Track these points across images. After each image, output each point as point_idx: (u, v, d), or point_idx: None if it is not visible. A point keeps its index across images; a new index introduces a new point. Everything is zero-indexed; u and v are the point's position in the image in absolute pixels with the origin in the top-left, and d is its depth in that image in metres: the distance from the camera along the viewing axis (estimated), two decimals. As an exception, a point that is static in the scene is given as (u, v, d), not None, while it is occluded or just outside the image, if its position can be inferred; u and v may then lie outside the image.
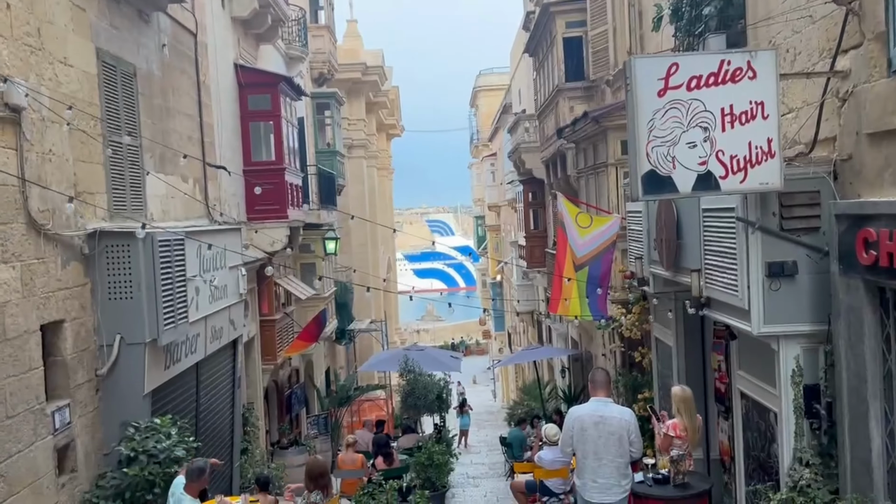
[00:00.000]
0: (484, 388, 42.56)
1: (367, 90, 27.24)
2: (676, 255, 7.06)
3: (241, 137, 13.34)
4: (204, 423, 9.66)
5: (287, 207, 13.55)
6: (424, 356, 14.24)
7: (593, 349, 15.57)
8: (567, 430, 5.92)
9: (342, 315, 21.81)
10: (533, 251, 21.16)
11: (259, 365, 13.51)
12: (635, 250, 8.75)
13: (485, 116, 45.10)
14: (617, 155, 10.21)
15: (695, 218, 6.49)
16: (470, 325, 65.85)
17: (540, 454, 10.20)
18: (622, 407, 6.03)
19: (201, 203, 10.87)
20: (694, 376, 8.28)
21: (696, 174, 4.98)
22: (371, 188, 30.06)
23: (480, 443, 22.96)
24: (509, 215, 32.99)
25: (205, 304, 9.27)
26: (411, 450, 12.89)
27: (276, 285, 14.22)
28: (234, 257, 10.69)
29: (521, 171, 21.47)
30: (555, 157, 14.72)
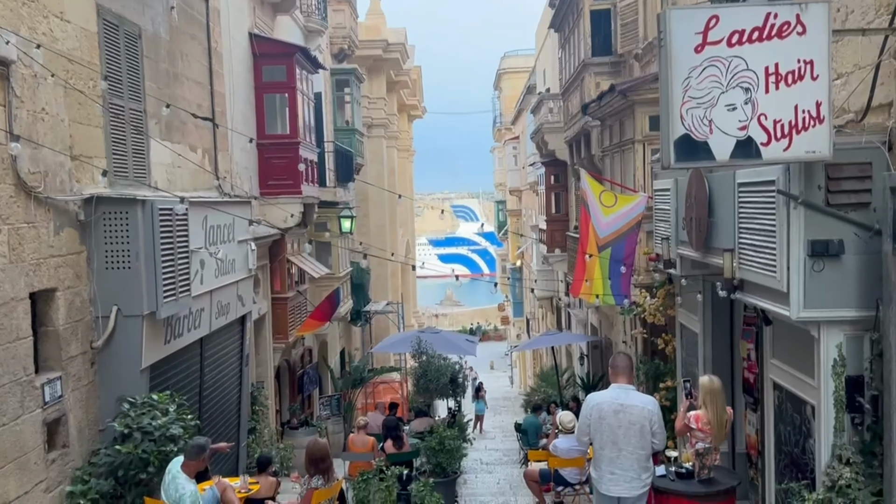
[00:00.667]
0: (501, 373, 42.25)
1: (389, 68, 26.77)
2: (707, 234, 6.56)
3: (254, 109, 12.99)
4: (208, 400, 9.37)
5: (301, 183, 13.20)
6: (439, 338, 13.85)
7: (613, 336, 15.09)
8: (584, 417, 5.50)
9: (358, 296, 21.52)
10: (553, 235, 20.64)
11: (270, 343, 13.23)
12: (662, 231, 8.26)
13: (509, 99, 44.45)
14: (645, 131, 9.69)
15: (729, 194, 5.99)
16: (489, 310, 65.58)
17: (555, 442, 9.80)
18: (644, 395, 5.58)
19: (210, 174, 10.53)
20: (721, 365, 7.80)
21: (734, 140, 4.49)
22: (391, 169, 29.67)
23: (496, 428, 22.64)
24: (530, 199, 32.43)
25: (210, 278, 8.95)
26: (423, 434, 12.56)
27: (289, 263, 13.90)
28: (243, 231, 10.35)
29: (543, 152, 20.93)
30: (578, 136, 14.19)
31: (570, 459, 9.52)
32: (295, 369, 15.30)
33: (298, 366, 15.63)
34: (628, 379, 5.51)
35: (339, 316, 17.14)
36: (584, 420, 5.50)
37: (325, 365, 17.97)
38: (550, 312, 26.00)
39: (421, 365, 12.72)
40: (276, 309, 13.39)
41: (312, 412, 16.60)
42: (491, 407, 25.61)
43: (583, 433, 5.54)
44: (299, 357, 15.73)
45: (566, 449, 9.58)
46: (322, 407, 16.82)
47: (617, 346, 14.69)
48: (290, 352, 14.94)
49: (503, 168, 46.25)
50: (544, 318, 28.01)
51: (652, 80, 9.51)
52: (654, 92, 9.49)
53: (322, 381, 18.51)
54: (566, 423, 9.75)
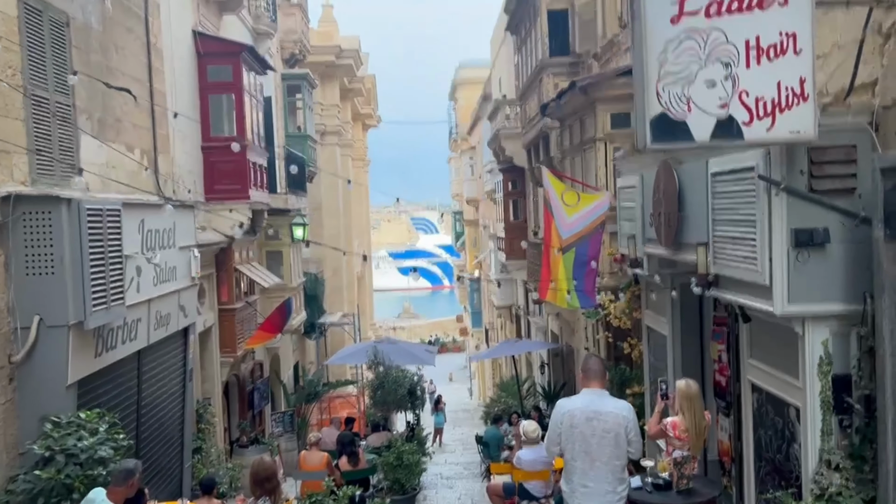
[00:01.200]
0: (460, 385, 41.75)
1: (342, 75, 26.23)
2: (678, 229, 6.23)
3: (199, 110, 12.33)
4: (148, 418, 8.68)
5: (249, 188, 12.56)
6: (396, 349, 13.32)
7: (575, 343, 14.78)
8: (554, 426, 5.06)
9: (312, 308, 20.83)
10: (512, 243, 20.32)
11: (217, 357, 12.52)
12: (627, 230, 7.93)
13: (464, 110, 44.26)
14: (606, 129, 9.39)
15: (701, 185, 5.67)
16: (447, 322, 65.07)
17: (519, 454, 9.36)
18: (619, 400, 5.17)
19: (150, 177, 9.86)
20: (691, 368, 7.49)
21: (715, 119, 4.13)
22: (345, 177, 29.04)
23: (455, 441, 22.12)
24: (488, 209, 32.17)
25: (148, 286, 8.30)
26: (380, 449, 11.99)
27: (238, 272, 13.23)
28: (185, 237, 9.71)
29: (500, 159, 20.63)
30: (537, 139, 13.89)
31: (536, 472, 9.08)
32: (245, 384, 14.57)
33: (248, 381, 14.90)
34: (601, 383, 5.10)
35: (291, 328, 16.47)
36: (554, 429, 5.06)
37: (277, 380, 17.25)
38: (510, 321, 25.66)
39: (377, 376, 12.14)
40: (224, 321, 12.68)
41: (264, 429, 15.86)
42: (450, 419, 25.10)
43: (552, 443, 5.10)
44: (249, 372, 15.00)
45: (531, 461, 9.14)
46: (274, 423, 16.10)
47: (579, 352, 14.36)
48: (240, 366, 14.23)
49: (460, 178, 46.05)
50: (503, 327, 27.66)
51: (613, 77, 9.24)
52: (616, 88, 9.22)
53: (274, 396, 17.77)
54: (530, 433, 9.32)
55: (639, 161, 7.62)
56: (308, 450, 9.69)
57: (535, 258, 15.73)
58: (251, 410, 14.83)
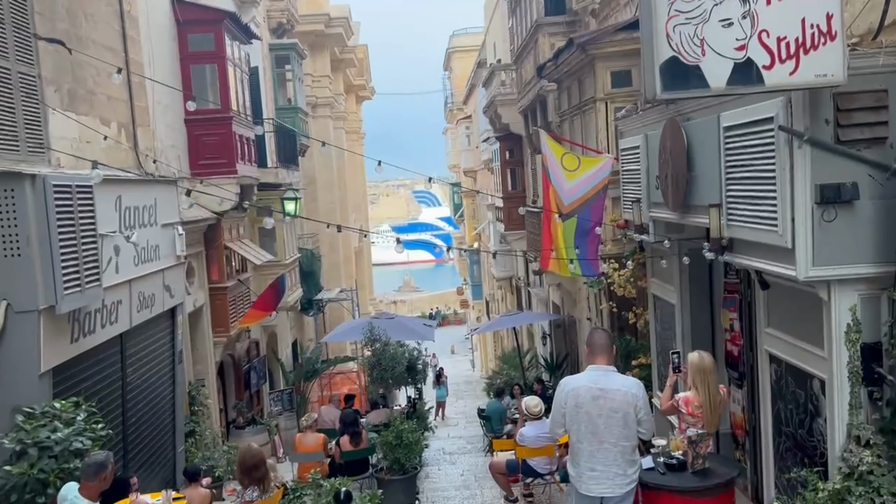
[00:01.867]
0: (462, 357, 41.62)
1: (332, 44, 25.55)
2: (686, 191, 5.81)
3: (181, 82, 11.82)
4: (134, 404, 8.33)
5: (236, 161, 12.11)
6: (394, 324, 12.95)
7: (577, 313, 14.41)
8: (558, 405, 4.69)
9: (309, 284, 20.44)
10: (511, 213, 19.86)
11: (210, 337, 12.16)
12: (631, 194, 7.50)
13: (459, 79, 43.57)
14: (607, 88, 8.91)
15: (712, 142, 5.23)
16: (448, 294, 64.89)
17: (522, 431, 9.05)
18: (627, 377, 4.79)
19: (129, 152, 9.41)
20: (701, 338, 7.11)
21: (731, 62, 3.69)
22: (339, 151, 28.50)
23: (458, 414, 21.89)
24: (485, 179, 31.66)
25: (128, 266, 7.90)
26: (380, 427, 11.69)
27: (228, 250, 12.82)
28: (168, 214, 9.29)
29: (497, 127, 20.11)
30: (534, 103, 13.39)
31: (539, 448, 8.77)
32: (240, 364, 14.24)
33: (244, 360, 14.57)
34: (608, 359, 4.71)
35: (287, 305, 16.11)
36: (558, 409, 4.68)
37: (274, 358, 16.93)
38: (510, 293, 25.32)
39: (374, 353, 11.78)
40: (215, 300, 12.31)
41: (262, 409, 15.58)
42: (452, 392, 24.89)
43: (557, 424, 4.72)
44: (245, 351, 14.67)
45: (534, 437, 8.83)
46: (273, 402, 15.81)
47: (581, 323, 14.01)
48: (234, 346, 13.89)
49: (456, 149, 45.47)
50: (504, 299, 27.34)
51: (613, 32, 8.74)
52: (616, 44, 8.73)
53: (273, 375, 17.48)
54: (532, 409, 9.00)
55: (642, 120, 7.17)
56: (303, 433, 9.33)
57: (534, 227, 15.31)
58: (248, 390, 14.53)
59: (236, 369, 14.18)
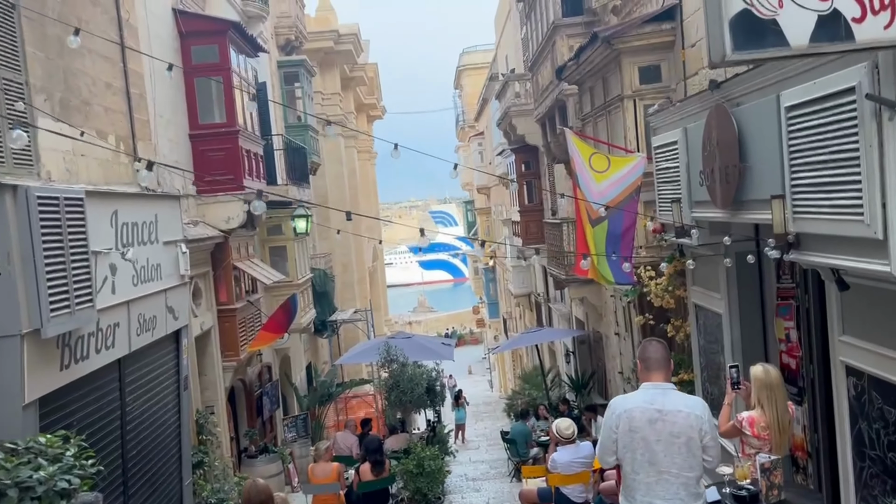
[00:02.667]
0: (480, 378, 40.87)
1: (342, 62, 25.21)
2: (739, 185, 5.17)
3: (185, 95, 11.37)
4: (135, 435, 7.73)
5: (243, 178, 11.60)
6: (411, 344, 12.32)
7: (603, 329, 13.73)
8: (608, 430, 4.04)
9: (322, 305, 19.87)
10: (528, 227, 19.30)
11: (218, 362, 11.58)
12: (668, 194, 6.87)
13: (470, 97, 43.30)
14: (634, 85, 8.32)
15: (770, 125, 4.61)
16: (464, 314, 64.32)
17: (553, 456, 8.40)
18: (690, 396, 4.12)
19: (128, 167, 8.90)
20: (752, 350, 6.44)
21: (815, 15, 3.08)
22: (351, 170, 28.08)
23: (479, 437, 21.15)
24: (500, 195, 31.13)
25: (126, 287, 7.34)
26: (399, 453, 11.03)
27: (237, 269, 12.27)
28: (170, 231, 8.75)
29: (511, 139, 19.57)
30: (552, 110, 12.82)
31: (573, 475, 8.11)
32: (252, 390, 13.64)
33: (256, 385, 13.97)
34: (665, 375, 4.06)
35: (299, 327, 15.51)
36: (608, 434, 4.04)
37: (288, 382, 16.32)
38: (529, 310, 24.62)
39: (392, 374, 11.12)
40: (224, 322, 11.74)
41: (276, 436, 14.95)
42: (472, 413, 24.16)
43: (607, 451, 4.07)
44: (256, 375, 14.07)
45: (567, 462, 8.17)
46: (287, 429, 15.18)
47: (608, 339, 13.32)
48: (245, 370, 13.30)
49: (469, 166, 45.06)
50: (522, 316, 26.63)
51: (639, 25, 8.16)
52: (643, 38, 8.16)
53: (287, 400, 16.86)
54: (564, 431, 8.35)
55: (679, 113, 6.56)
56: (315, 462, 8.68)
57: (555, 239, 14.68)
58: (260, 417, 13.91)
59: (248, 395, 13.59)
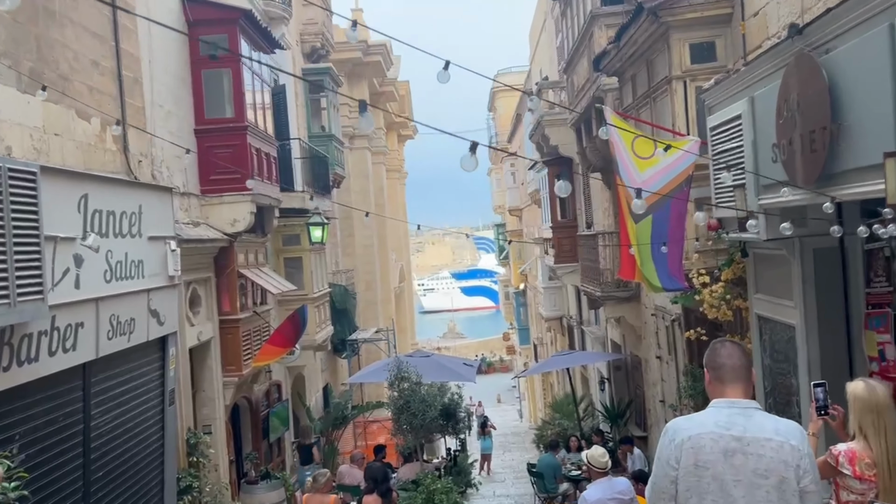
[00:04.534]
0: (509, 406, 39.38)
1: (371, 74, 24.51)
2: (829, 152, 4.04)
3: (190, 88, 10.57)
4: (104, 454, 6.76)
5: (251, 177, 10.70)
6: (428, 363, 11.23)
7: (642, 352, 12.47)
8: (664, 465, 2.88)
9: (342, 323, 18.87)
10: (561, 243, 18.13)
11: (218, 376, 10.60)
12: (727, 181, 5.73)
13: (504, 119, 42.55)
14: (685, 64, 7.23)
15: (878, 66, 3.51)
16: (493, 341, 62.92)
17: (584, 495, 7.22)
18: (781, 419, 2.93)
19: (116, 155, 8.05)
20: (834, 369, 5.23)
21: None
22: (378, 187, 27.27)
23: (505, 469, 19.82)
24: (532, 216, 30.05)
25: (94, 282, 6.42)
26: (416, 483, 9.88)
27: (243, 277, 11.34)
28: (158, 226, 7.85)
29: (544, 151, 18.52)
30: (588, 111, 11.76)
31: (608, 515, 6.90)
32: (258, 409, 12.63)
33: (263, 404, 12.96)
34: (746, 388, 2.92)
35: (314, 344, 14.52)
36: (664, 471, 2.88)
37: (300, 403, 15.29)
38: (561, 335, 23.34)
39: (402, 395, 9.98)
40: (226, 333, 10.78)
41: (283, 460, 13.89)
42: (499, 444, 22.81)
43: (662, 495, 2.90)
44: (264, 394, 13.07)
45: (598, 501, 6.98)
46: (297, 453, 14.12)
47: (648, 363, 12.05)
48: (252, 387, 12.31)
49: (501, 189, 44.28)
50: (554, 342, 25.31)
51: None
52: (696, 10, 7.09)
53: (300, 422, 15.82)
54: (599, 459, 7.20)
55: (743, 80, 5.45)
56: (310, 493, 7.58)
57: (590, 255, 13.53)
58: (266, 439, 12.87)
59: (253, 415, 12.58)
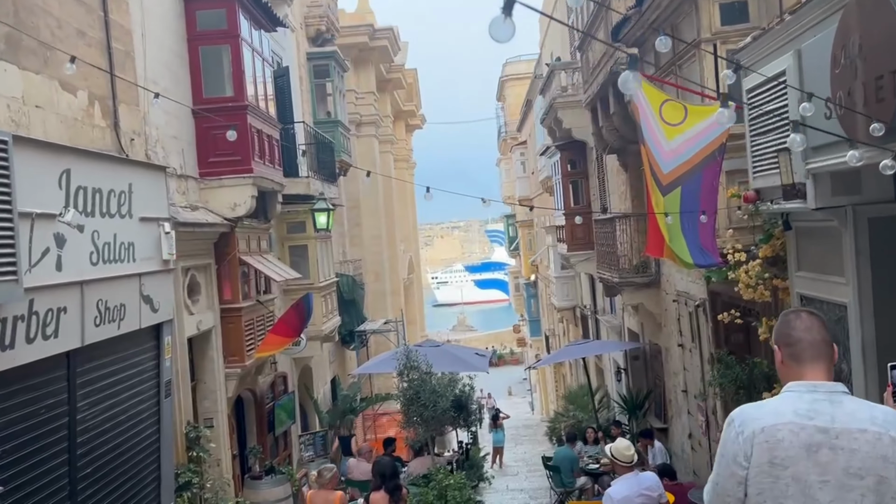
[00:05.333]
0: (520, 399, 38.98)
1: (377, 60, 23.95)
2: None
3: (188, 66, 10.09)
4: (92, 449, 6.30)
5: (251, 159, 10.23)
6: (439, 353, 10.72)
7: (662, 341, 11.93)
8: (729, 462, 2.35)
9: (350, 314, 18.41)
10: (574, 231, 17.58)
11: (220, 367, 10.14)
12: (769, 147, 5.19)
13: (513, 108, 41.96)
14: (714, 26, 6.67)
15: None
16: (504, 333, 62.59)
17: (608, 492, 6.71)
18: (877, 405, 2.39)
19: (106, 132, 7.57)
20: (891, 351, 4.67)
21: None
22: (386, 179, 26.69)
23: (518, 462, 19.36)
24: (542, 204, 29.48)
25: (79, 264, 5.96)
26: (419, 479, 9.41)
27: (245, 265, 10.86)
28: (151, 206, 7.38)
29: (557, 135, 17.95)
30: (605, 87, 11.20)
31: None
32: (263, 402, 12.17)
33: (268, 397, 12.51)
34: (828, 368, 2.41)
35: (320, 335, 14.04)
36: (730, 469, 2.36)
37: (308, 395, 14.84)
38: (574, 325, 22.80)
39: (411, 385, 9.47)
40: (227, 323, 10.31)
41: (290, 454, 13.45)
42: (511, 437, 22.34)
43: (727, 498, 2.38)
44: (269, 386, 12.61)
45: (625, 499, 6.47)
46: (304, 447, 13.68)
47: (669, 351, 11.51)
48: (256, 379, 11.84)
49: (510, 180, 43.74)
50: (566, 333, 24.78)
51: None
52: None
53: (308, 415, 15.39)
54: (624, 452, 6.71)
55: (787, 32, 4.90)
56: (316, 487, 7.11)
57: (605, 239, 12.99)
58: (272, 433, 12.42)
59: (258, 407, 12.12)
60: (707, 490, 2.52)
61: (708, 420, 9.40)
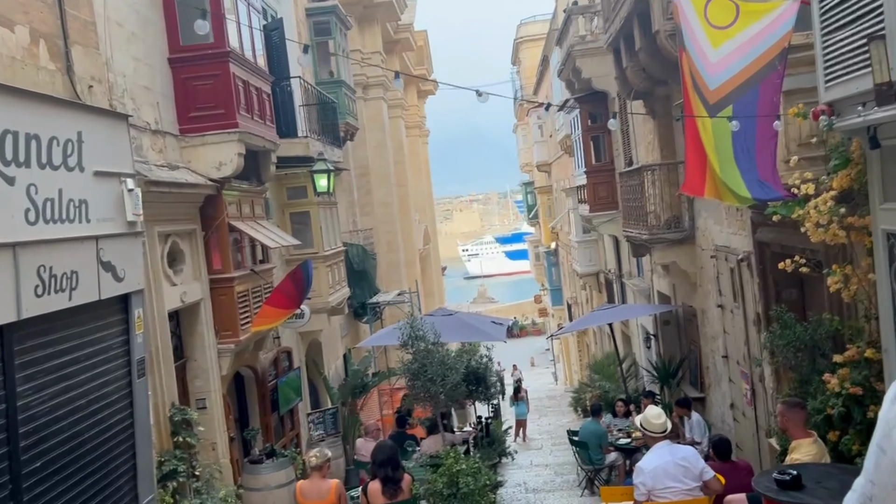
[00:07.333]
0: (543, 370, 38.07)
1: (383, 18, 22.74)
2: None
3: (162, 10, 9.06)
4: (39, 440, 5.39)
5: (237, 113, 9.22)
6: (452, 322, 9.72)
7: (697, 302, 10.83)
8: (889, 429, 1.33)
9: (362, 286, 17.48)
10: (596, 189, 16.48)
11: (212, 343, 9.25)
12: (852, 40, 4.06)
13: (528, 71, 40.51)
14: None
15: None
16: (525, 305, 61.72)
17: (640, 465, 5.78)
18: None
19: (56, 74, 6.58)
20: None
21: None
22: (398, 142, 25.61)
23: (542, 434, 18.46)
24: (562, 169, 28.26)
25: (13, 222, 5.00)
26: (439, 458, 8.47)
27: (236, 231, 9.91)
28: (109, 160, 6.39)
29: (576, 87, 16.76)
30: (629, 21, 10.00)
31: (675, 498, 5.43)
32: (265, 379, 11.29)
33: (271, 374, 11.62)
34: None
35: (327, 307, 13.10)
36: (883, 453, 1.34)
37: (316, 371, 13.98)
38: (597, 291, 21.72)
39: (416, 357, 8.46)
40: (218, 294, 9.39)
41: (297, 434, 12.60)
42: (534, 408, 21.45)
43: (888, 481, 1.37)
44: (271, 362, 11.72)
45: (657, 468, 5.52)
46: (313, 426, 12.81)
47: (706, 314, 10.42)
48: (256, 356, 10.95)
49: (528, 146, 42.46)
50: (590, 300, 23.71)
51: None
52: None
53: (318, 392, 14.56)
54: (654, 421, 5.76)
55: None
56: (308, 477, 6.18)
57: (632, 193, 11.85)
58: (276, 412, 11.56)
59: (259, 386, 11.24)
60: (859, 482, 1.49)
61: (754, 388, 8.34)
